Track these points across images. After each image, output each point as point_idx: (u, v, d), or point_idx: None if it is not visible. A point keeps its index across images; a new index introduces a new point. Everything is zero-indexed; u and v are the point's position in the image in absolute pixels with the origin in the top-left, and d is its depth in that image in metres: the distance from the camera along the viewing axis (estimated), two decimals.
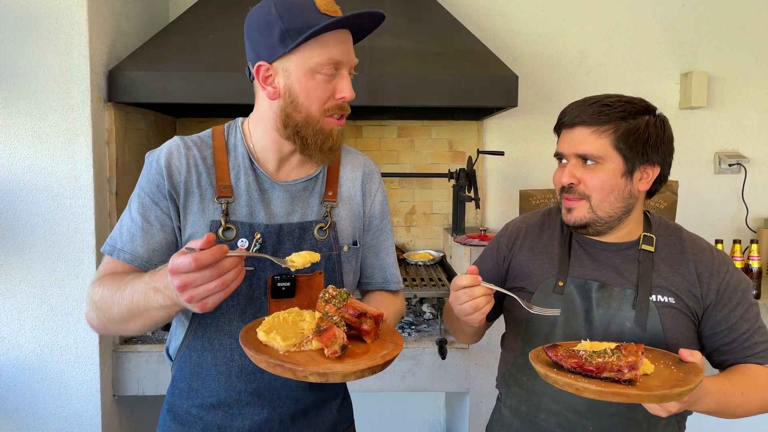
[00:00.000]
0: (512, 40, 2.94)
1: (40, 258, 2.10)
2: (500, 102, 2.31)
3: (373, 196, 1.31)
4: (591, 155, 1.21)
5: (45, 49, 2.04)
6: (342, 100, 1.15)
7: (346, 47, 1.14)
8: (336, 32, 1.12)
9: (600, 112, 1.21)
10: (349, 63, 1.15)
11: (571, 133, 1.24)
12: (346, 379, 0.92)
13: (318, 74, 1.11)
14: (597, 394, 0.95)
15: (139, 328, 1.06)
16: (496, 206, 3.01)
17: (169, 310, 1.00)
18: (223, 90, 2.18)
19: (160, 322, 1.05)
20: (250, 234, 1.15)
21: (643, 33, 2.96)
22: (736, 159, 2.95)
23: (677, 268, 1.24)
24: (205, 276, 0.89)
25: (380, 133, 3.00)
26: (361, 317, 1.02)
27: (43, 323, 2.13)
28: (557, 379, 0.98)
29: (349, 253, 1.25)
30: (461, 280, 1.14)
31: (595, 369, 0.98)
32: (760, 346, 1.21)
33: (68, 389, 2.16)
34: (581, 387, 0.95)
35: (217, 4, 2.53)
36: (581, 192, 1.23)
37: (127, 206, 1.18)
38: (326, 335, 0.95)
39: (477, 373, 2.33)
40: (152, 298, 0.98)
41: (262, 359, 0.93)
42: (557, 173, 1.28)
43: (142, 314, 1.02)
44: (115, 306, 1.05)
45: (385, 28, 2.49)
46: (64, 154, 2.07)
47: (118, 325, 1.08)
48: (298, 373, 0.90)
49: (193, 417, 1.21)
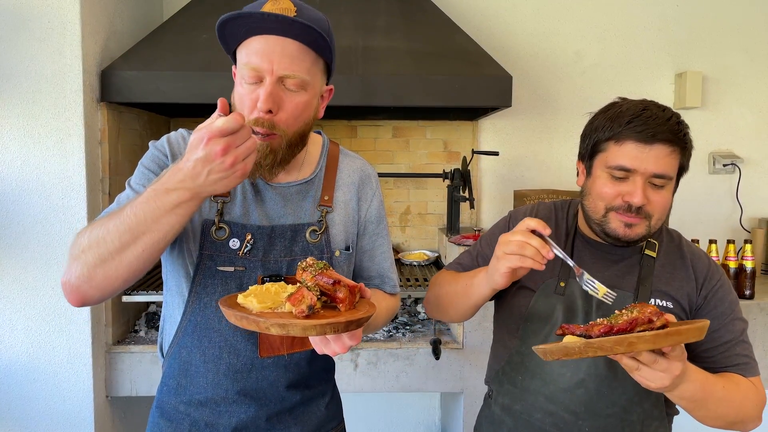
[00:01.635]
0: (507, 40, 2.94)
1: (32, 258, 2.09)
2: (495, 102, 2.31)
3: (369, 201, 1.30)
4: (667, 176, 1.16)
5: (37, 49, 2.03)
6: (258, 112, 1.05)
7: (270, 53, 1.04)
8: (265, 37, 1.04)
9: (678, 131, 1.16)
10: (271, 71, 1.04)
11: (649, 150, 1.15)
12: (306, 333, 0.91)
13: (243, 80, 1.07)
14: (652, 341, 0.89)
15: (138, 255, 0.96)
16: (491, 206, 3.01)
17: (183, 210, 0.94)
18: (217, 90, 2.18)
19: (169, 233, 0.96)
20: (242, 235, 1.15)
21: (637, 33, 2.96)
22: (731, 159, 2.96)
23: (677, 273, 1.25)
24: (243, 135, 0.91)
25: (375, 133, 3.00)
26: (335, 285, 1.01)
27: (35, 324, 2.12)
28: (602, 342, 0.90)
29: (341, 258, 1.24)
30: (531, 221, 1.09)
31: (627, 326, 0.93)
32: (741, 358, 1.21)
33: (61, 390, 2.15)
34: (635, 338, 0.89)
35: (211, 4, 2.52)
36: (646, 212, 1.18)
37: (126, 185, 1.16)
38: (294, 296, 0.97)
39: (471, 373, 2.33)
40: (163, 200, 0.93)
41: (231, 313, 0.95)
42: (612, 186, 1.19)
43: (150, 228, 0.94)
44: (111, 232, 0.95)
45: (380, 27, 2.50)
46: (57, 154, 2.07)
47: (112, 260, 0.96)
48: (260, 324, 0.92)
49: (181, 414, 1.21)
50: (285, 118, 1.08)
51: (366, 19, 2.51)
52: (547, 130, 2.97)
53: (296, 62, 1.05)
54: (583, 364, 1.21)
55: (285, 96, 1.07)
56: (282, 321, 0.92)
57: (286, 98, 1.07)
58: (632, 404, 1.20)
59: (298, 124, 1.11)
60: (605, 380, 1.20)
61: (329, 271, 1.03)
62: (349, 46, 2.35)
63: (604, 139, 1.20)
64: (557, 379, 1.23)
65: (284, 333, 0.91)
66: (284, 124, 1.08)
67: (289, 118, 1.08)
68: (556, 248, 1.09)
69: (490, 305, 1.44)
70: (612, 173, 1.18)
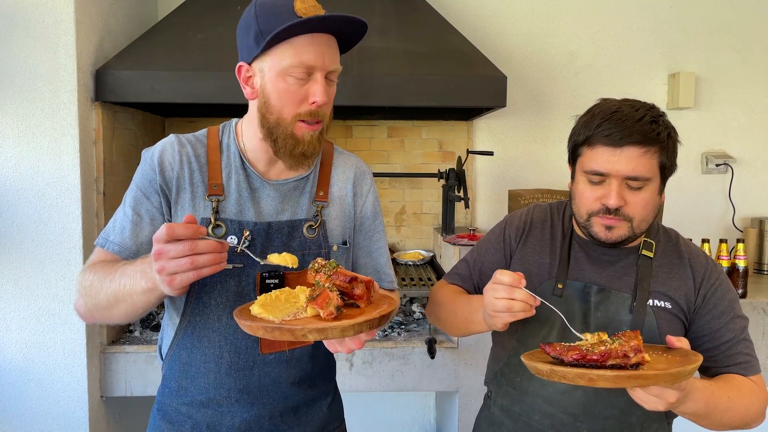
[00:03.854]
0: (501, 41, 2.95)
1: (26, 258, 2.08)
2: (489, 102, 2.31)
3: (364, 196, 1.31)
4: (643, 177, 1.15)
5: (31, 48, 2.02)
6: (314, 105, 1.12)
7: (321, 51, 1.11)
8: (311, 35, 1.10)
9: (651, 131, 1.13)
10: (324, 67, 1.12)
11: (619, 153, 1.14)
12: (344, 334, 0.93)
13: (289, 77, 1.11)
14: (613, 381, 0.89)
15: (122, 314, 1.07)
16: (486, 206, 3.02)
17: (150, 296, 1.01)
18: (212, 89, 2.18)
19: (140, 309, 1.06)
20: (239, 231, 1.16)
21: (631, 34, 2.98)
22: (723, 159, 2.98)
23: (675, 273, 1.25)
24: (177, 249, 0.92)
25: (370, 133, 3.00)
26: (352, 282, 1.03)
27: (29, 324, 2.11)
28: (566, 372, 0.92)
29: (338, 253, 1.25)
30: (504, 276, 1.09)
31: (599, 357, 0.93)
32: (743, 357, 1.21)
33: (55, 390, 2.14)
34: (595, 376, 0.90)
35: (206, 4, 2.52)
36: (624, 214, 1.17)
37: (123, 201, 1.20)
38: (320, 299, 0.97)
39: (466, 372, 2.34)
40: (137, 281, 1.01)
41: (259, 326, 0.94)
42: (590, 191, 1.19)
43: (126, 299, 1.04)
44: (102, 291, 1.07)
45: (375, 28, 2.50)
46: (51, 153, 2.06)
47: (103, 311, 1.09)
48: (296, 332, 0.92)
49: (182, 415, 1.21)
50: (328, 106, 1.17)
51: None
52: (542, 130, 2.99)
53: (336, 56, 1.16)
54: None
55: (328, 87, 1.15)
56: (320, 326, 0.92)
57: (329, 89, 1.16)
58: (631, 406, 1.19)
59: (330, 109, 1.20)
60: None
61: (340, 269, 1.05)
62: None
63: (580, 143, 1.21)
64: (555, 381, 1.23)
65: (323, 338, 0.93)
66: (328, 111, 1.18)
67: (329, 106, 1.18)
68: (540, 299, 1.11)
69: None
70: (588, 178, 1.19)
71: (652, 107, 1.19)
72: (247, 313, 1.01)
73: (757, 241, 2.84)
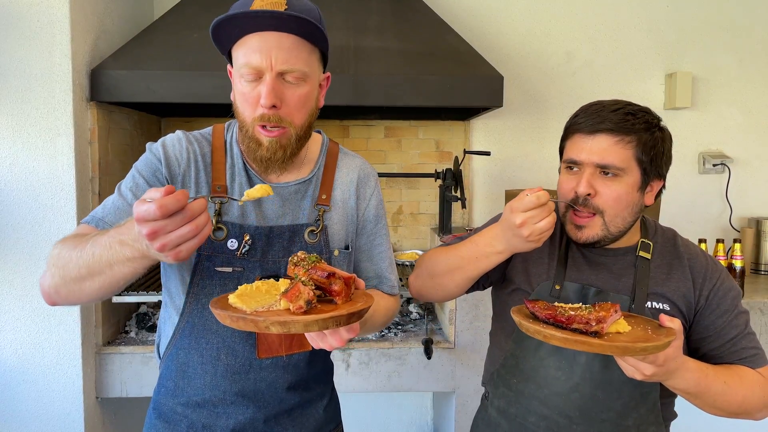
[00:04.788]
0: (498, 41, 2.95)
1: (21, 259, 2.08)
2: (486, 102, 2.31)
3: (367, 200, 1.29)
4: (613, 166, 1.15)
5: (26, 48, 2.02)
6: (262, 108, 1.06)
7: (268, 50, 1.05)
8: (261, 35, 1.05)
9: (625, 120, 1.15)
10: (271, 68, 1.05)
11: (591, 140, 1.16)
12: (308, 329, 0.89)
13: (242, 78, 1.08)
14: (562, 341, 0.97)
15: (96, 288, 0.98)
16: (483, 206, 3.02)
17: (136, 264, 0.93)
18: (208, 89, 2.17)
19: (122, 280, 0.97)
20: (240, 235, 1.15)
21: (628, 34, 2.98)
22: (720, 159, 2.98)
23: (673, 274, 1.24)
24: (176, 221, 0.83)
25: (367, 133, 2.99)
26: (330, 278, 0.99)
27: (24, 324, 2.10)
28: (528, 326, 1.02)
29: (339, 258, 1.23)
30: (531, 198, 1.07)
31: (565, 320, 1.01)
32: (748, 351, 1.21)
33: (50, 391, 2.14)
34: (548, 334, 0.99)
35: (202, 3, 2.51)
36: (595, 206, 1.17)
37: (116, 188, 1.15)
38: (291, 292, 0.94)
39: (463, 372, 2.33)
40: (118, 251, 0.92)
41: (226, 315, 0.92)
42: (566, 181, 1.21)
43: (104, 271, 0.95)
44: (72, 261, 0.98)
45: (372, 28, 2.50)
46: (46, 153, 2.05)
47: (72, 284, 0.99)
48: (259, 323, 0.89)
49: (178, 415, 1.20)
50: (289, 111, 1.09)
51: (358, 19, 2.51)
52: (539, 130, 2.98)
53: (293, 55, 1.06)
54: (577, 368, 1.20)
55: (286, 89, 1.08)
56: (282, 318, 0.89)
57: (288, 92, 1.08)
58: (628, 409, 1.19)
59: (303, 116, 1.12)
60: (600, 385, 1.18)
61: (322, 263, 1.02)
62: (341, 46, 2.35)
63: (563, 137, 1.25)
64: (552, 383, 1.22)
65: (285, 331, 0.89)
66: (290, 117, 1.09)
67: (293, 111, 1.10)
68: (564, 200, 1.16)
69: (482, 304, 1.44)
70: (566, 168, 1.22)
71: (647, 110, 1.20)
72: (225, 301, 0.99)
73: (754, 240, 2.84)
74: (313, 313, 0.93)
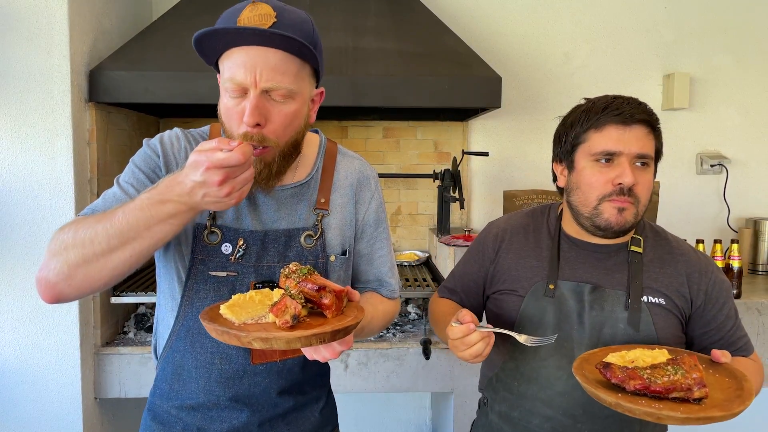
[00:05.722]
0: (496, 42, 2.95)
1: (19, 260, 2.08)
2: (484, 103, 2.31)
3: (367, 203, 1.26)
4: (649, 156, 1.19)
5: (25, 49, 2.02)
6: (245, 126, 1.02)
7: (252, 66, 1.00)
8: (246, 49, 1.00)
9: (653, 114, 1.20)
10: (255, 84, 1.00)
11: (629, 131, 1.17)
12: (290, 345, 0.90)
13: (226, 92, 1.04)
14: (683, 421, 0.91)
15: (125, 258, 0.95)
16: (481, 207, 3.02)
17: (178, 220, 0.94)
18: (206, 90, 2.17)
19: (159, 242, 0.96)
20: (234, 239, 1.14)
21: (626, 35, 2.98)
22: (718, 160, 2.99)
23: (665, 269, 1.25)
24: (243, 167, 0.91)
25: (366, 134, 3.00)
26: (321, 291, 0.98)
27: (23, 325, 2.10)
28: (634, 409, 0.93)
29: (336, 263, 1.21)
30: (454, 332, 1.11)
31: (663, 390, 0.94)
32: (742, 339, 1.26)
33: (49, 392, 2.14)
34: (664, 416, 0.91)
35: (200, 4, 2.51)
36: (636, 195, 1.18)
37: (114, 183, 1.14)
38: (277, 306, 0.94)
39: (461, 373, 2.33)
40: (158, 210, 0.93)
41: (212, 327, 0.93)
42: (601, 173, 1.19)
43: (140, 235, 0.94)
44: (99, 234, 0.94)
45: (370, 28, 2.50)
46: (45, 154, 2.05)
47: (96, 261, 0.95)
48: (242, 338, 0.89)
49: (173, 417, 1.20)
50: (274, 129, 1.04)
51: (356, 20, 2.51)
52: (537, 130, 2.99)
53: (280, 73, 1.01)
54: None
55: (272, 107, 1.03)
56: (264, 335, 0.89)
57: (274, 109, 1.04)
58: None
59: (288, 134, 1.08)
60: None
61: (314, 276, 1.00)
62: (339, 47, 2.35)
63: (584, 130, 1.22)
64: (554, 383, 1.22)
65: (268, 347, 0.88)
66: (274, 135, 1.05)
67: (278, 129, 1.05)
68: (490, 327, 1.13)
69: None
70: (597, 159, 1.19)
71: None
72: (215, 311, 0.99)
73: (752, 241, 2.85)
74: (301, 328, 0.93)
